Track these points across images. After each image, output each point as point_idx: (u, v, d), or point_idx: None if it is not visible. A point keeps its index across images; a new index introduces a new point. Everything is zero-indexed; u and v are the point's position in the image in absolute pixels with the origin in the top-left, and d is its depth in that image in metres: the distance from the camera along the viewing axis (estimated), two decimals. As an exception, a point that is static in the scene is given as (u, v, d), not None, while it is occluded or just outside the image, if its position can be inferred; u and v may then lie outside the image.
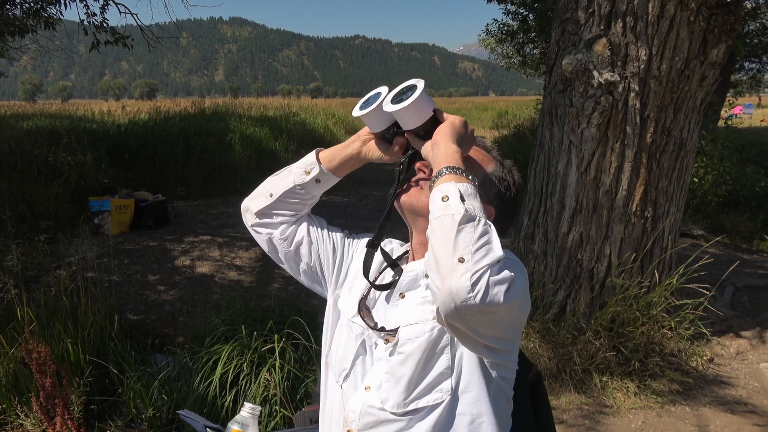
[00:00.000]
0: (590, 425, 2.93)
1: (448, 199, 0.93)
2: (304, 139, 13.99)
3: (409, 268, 1.25)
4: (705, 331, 3.37)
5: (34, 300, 4.04)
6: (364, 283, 1.32)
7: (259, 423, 1.50)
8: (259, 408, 1.48)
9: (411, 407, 1.18)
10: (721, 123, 10.40)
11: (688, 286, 3.24)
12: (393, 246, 1.42)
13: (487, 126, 20.91)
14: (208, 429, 1.32)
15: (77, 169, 7.02)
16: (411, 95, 1.13)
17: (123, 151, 8.53)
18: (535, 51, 14.19)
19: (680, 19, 2.89)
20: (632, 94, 3.02)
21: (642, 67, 2.96)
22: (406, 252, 1.34)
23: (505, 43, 14.48)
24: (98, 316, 3.96)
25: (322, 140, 15.41)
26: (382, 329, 1.23)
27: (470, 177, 1.00)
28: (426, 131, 1.15)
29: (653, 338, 3.33)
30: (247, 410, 1.46)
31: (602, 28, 3.01)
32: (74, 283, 4.19)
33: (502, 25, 13.40)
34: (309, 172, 1.31)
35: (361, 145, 1.28)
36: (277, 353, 3.23)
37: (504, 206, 1.23)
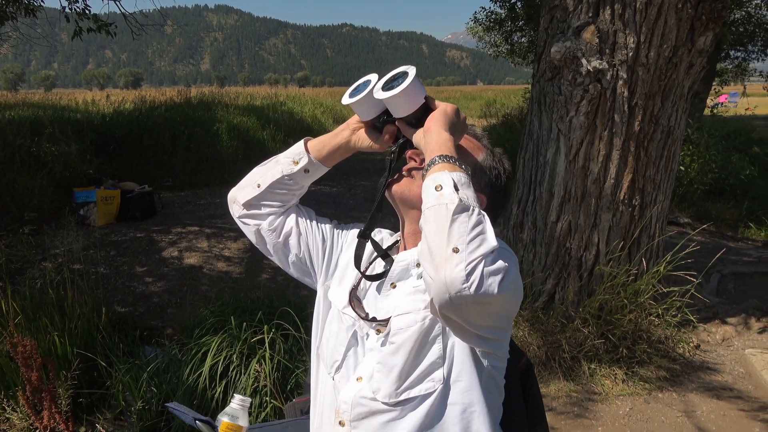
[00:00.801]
0: (579, 412, 2.95)
1: (441, 189, 0.92)
2: (292, 128, 13.89)
3: (400, 258, 1.23)
4: (692, 318, 3.41)
5: (20, 293, 3.99)
6: (354, 274, 1.31)
7: (250, 414, 1.48)
8: (249, 400, 1.47)
9: (403, 397, 1.17)
10: (707, 112, 10.47)
11: (675, 273, 3.27)
12: (383, 236, 1.40)
13: (476, 115, 20.90)
14: (197, 421, 1.30)
15: (61, 160, 6.92)
16: (402, 82, 1.11)
17: (108, 142, 8.42)
18: (523, 39, 14.16)
19: (668, 7, 2.89)
20: (620, 82, 3.02)
21: (630, 54, 2.96)
22: (397, 242, 1.33)
23: (493, 32, 14.44)
24: (85, 308, 3.91)
25: (310, 130, 15.32)
26: (374, 319, 1.22)
27: (463, 166, 0.99)
28: (417, 119, 1.13)
29: (641, 326, 3.36)
30: (237, 402, 1.44)
31: (590, 15, 3.00)
32: (60, 276, 4.14)
33: (489, 13, 13.35)
34: (297, 162, 1.29)
35: (351, 133, 1.27)
36: (266, 344, 3.22)
37: (495, 195, 1.22)
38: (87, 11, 5.28)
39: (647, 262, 3.34)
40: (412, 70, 1.14)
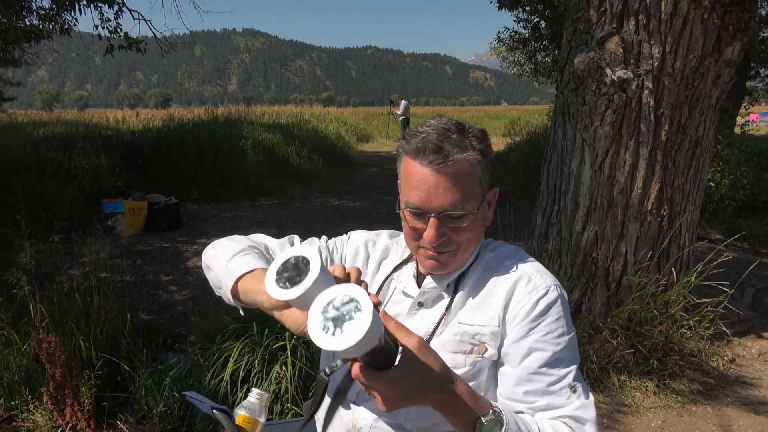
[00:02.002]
0: (609, 424, 2.88)
1: None
2: (317, 145, 14.02)
3: (429, 283, 1.23)
4: (725, 329, 3.30)
5: (47, 297, 4.06)
6: (373, 289, 1.31)
7: (268, 412, 1.48)
8: (266, 395, 1.46)
9: (433, 429, 1.17)
10: (737, 130, 10.29)
11: (707, 283, 3.19)
12: (385, 241, 1.39)
13: (500, 134, 20.86)
14: (214, 410, 1.30)
15: (91, 173, 7.09)
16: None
17: (137, 156, 8.60)
18: (547, 59, 14.16)
19: (693, 17, 2.86)
20: (646, 92, 2.99)
21: (656, 64, 2.94)
22: (410, 257, 1.31)
23: (517, 51, 14.48)
24: (111, 314, 3.97)
25: (335, 146, 15.45)
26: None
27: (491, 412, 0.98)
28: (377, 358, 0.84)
29: (672, 338, 3.28)
30: (255, 396, 1.44)
31: (614, 26, 2.99)
32: (87, 282, 4.21)
33: (513, 33, 13.40)
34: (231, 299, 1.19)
35: (272, 304, 1.03)
36: (288, 350, 3.22)
37: (492, 170, 1.22)
38: (119, 29, 5.43)
39: (677, 273, 3.26)
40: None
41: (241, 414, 1.38)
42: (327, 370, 0.88)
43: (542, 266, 1.22)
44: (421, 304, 1.23)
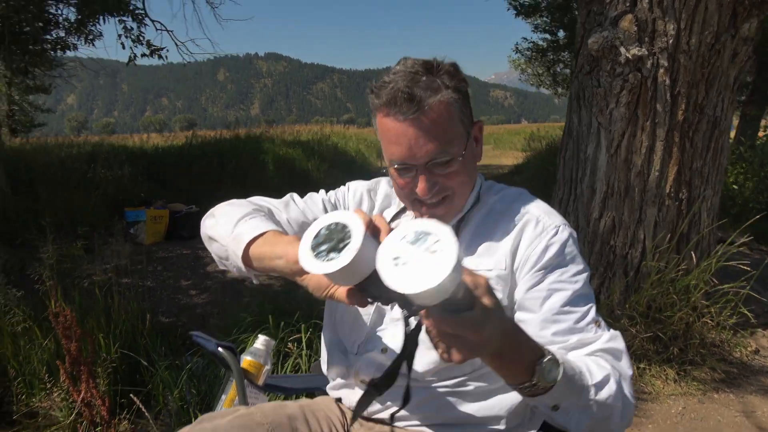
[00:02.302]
0: (628, 411, 2.79)
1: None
2: (337, 159, 14.14)
3: None
4: (748, 314, 3.20)
5: (70, 297, 4.12)
6: None
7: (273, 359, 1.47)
8: (273, 341, 1.46)
9: (438, 377, 1.15)
10: (761, 134, 10.10)
11: (729, 264, 3.10)
12: (384, 189, 1.35)
13: (519, 148, 20.78)
14: (219, 348, 1.30)
15: (114, 183, 7.24)
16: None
17: (159, 168, 8.77)
18: (566, 70, 14.14)
19: (708, -9, 2.84)
20: (661, 70, 2.95)
21: (670, 42, 2.91)
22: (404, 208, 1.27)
23: (535, 62, 14.48)
24: (131, 314, 4.02)
25: (354, 162, 15.55)
26: None
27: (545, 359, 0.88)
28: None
29: (693, 327, 3.18)
30: (261, 343, 1.44)
31: (628, 5, 2.97)
32: (108, 285, 4.27)
33: (531, 43, 13.43)
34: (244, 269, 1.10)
35: (292, 272, 0.97)
36: (304, 343, 3.21)
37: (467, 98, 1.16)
38: (141, 38, 5.58)
39: (697, 259, 3.18)
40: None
41: (246, 359, 1.38)
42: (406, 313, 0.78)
43: (549, 206, 1.20)
44: None
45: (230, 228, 1.11)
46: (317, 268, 0.74)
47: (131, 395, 2.47)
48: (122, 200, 7.24)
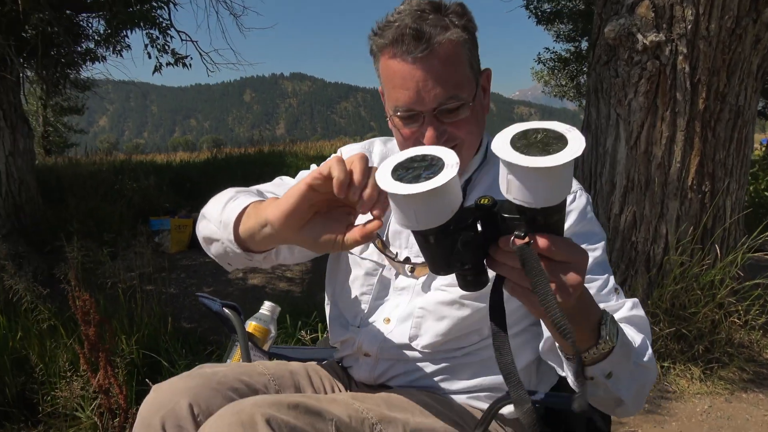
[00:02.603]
0: (650, 408, 2.71)
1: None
2: (360, 172, 14.21)
3: None
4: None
5: (95, 301, 4.19)
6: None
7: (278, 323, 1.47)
8: (278, 307, 1.46)
9: (444, 347, 1.13)
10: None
11: (755, 255, 3.01)
12: (382, 149, 1.27)
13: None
14: (224, 308, 1.30)
15: (141, 193, 7.39)
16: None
17: (184, 180, 8.93)
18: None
19: (727, -24, 2.79)
20: (680, 57, 2.91)
21: (689, 27, 2.86)
22: None
23: (558, 73, 14.41)
24: (153, 318, 4.07)
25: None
26: (407, 260, 1.14)
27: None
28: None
29: (720, 327, 3.08)
30: (267, 309, 1.44)
31: (645, -7, 2.94)
32: (131, 290, 4.34)
33: (553, 54, 13.37)
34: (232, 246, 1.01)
35: (282, 239, 0.90)
36: (320, 341, 3.21)
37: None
38: (167, 47, 5.73)
39: (722, 253, 3.09)
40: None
41: (252, 323, 1.39)
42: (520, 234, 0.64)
43: None
44: None
45: (217, 218, 1.02)
46: (401, 189, 0.63)
47: (149, 382, 2.50)
48: (148, 210, 7.38)
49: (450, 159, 0.66)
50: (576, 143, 0.61)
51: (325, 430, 0.87)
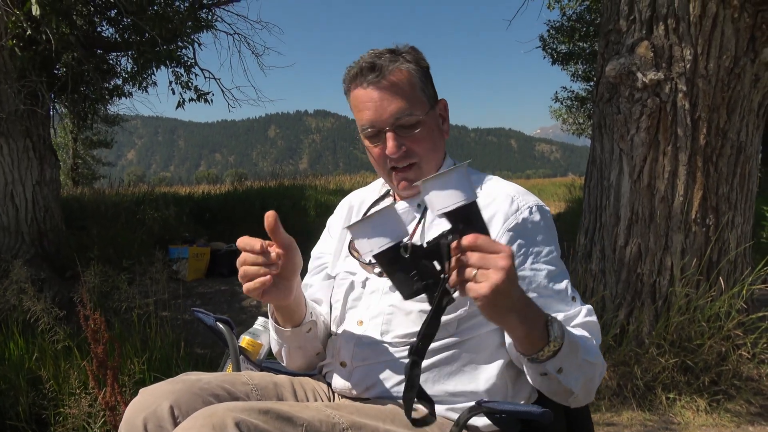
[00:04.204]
0: (655, 440, 2.69)
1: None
2: (378, 207, 14.29)
3: (401, 205, 1.27)
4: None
5: (109, 324, 4.29)
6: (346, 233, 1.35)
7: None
8: (271, 322, 1.52)
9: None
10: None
11: (760, 287, 3.00)
12: (362, 196, 1.43)
13: (563, 198, 20.56)
14: (218, 322, 1.38)
15: (161, 222, 7.57)
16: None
17: (204, 211, 9.12)
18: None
19: (723, 17, 2.88)
20: (680, 95, 2.98)
21: (688, 66, 2.94)
22: (388, 191, 1.36)
23: (576, 111, 14.51)
24: (166, 342, 4.14)
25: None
26: (372, 263, 1.23)
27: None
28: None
29: (728, 360, 3.06)
30: (260, 323, 1.51)
31: (644, 32, 3.04)
32: (146, 316, 4.44)
33: (570, 92, 13.51)
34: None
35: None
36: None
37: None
38: (190, 84, 5.96)
39: (726, 285, 3.09)
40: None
41: (245, 338, 1.45)
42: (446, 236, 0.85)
43: (522, 187, 1.25)
44: None
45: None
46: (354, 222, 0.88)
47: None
48: (167, 238, 7.54)
49: (386, 203, 0.93)
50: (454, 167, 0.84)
51: None
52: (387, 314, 1.19)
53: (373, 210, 1.35)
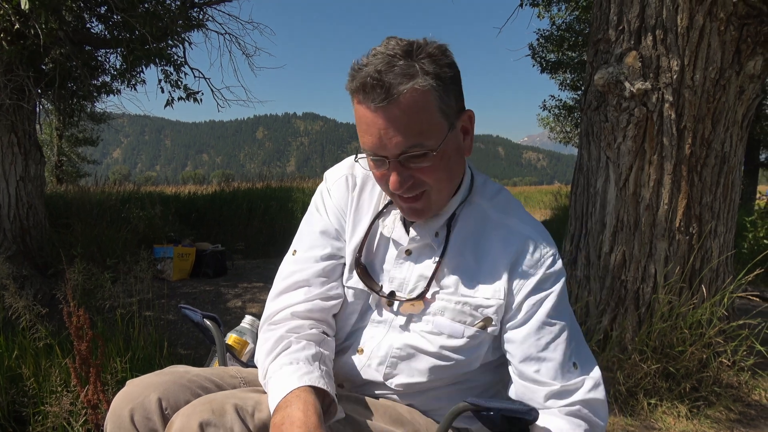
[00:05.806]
0: (636, 446, 2.71)
1: None
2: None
3: (415, 230, 1.17)
4: (766, 353, 3.10)
5: (91, 322, 4.24)
6: (356, 240, 1.22)
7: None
8: (258, 321, 1.52)
9: (417, 389, 1.16)
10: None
11: (740, 294, 3.04)
12: (365, 176, 1.29)
13: (549, 206, 20.71)
14: (205, 319, 1.37)
15: (146, 221, 7.51)
16: None
17: (191, 211, 9.06)
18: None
19: (710, 30, 2.93)
20: (667, 105, 3.02)
21: (675, 77, 2.99)
22: (390, 202, 1.22)
23: (564, 120, 14.64)
24: (149, 342, 4.11)
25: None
26: (392, 295, 1.16)
27: None
28: None
29: (708, 367, 3.10)
30: (247, 322, 1.51)
31: (632, 42, 3.08)
32: (130, 315, 4.40)
33: (558, 101, 13.63)
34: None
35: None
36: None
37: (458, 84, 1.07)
38: (180, 83, 5.93)
39: (708, 293, 3.13)
40: None
41: (232, 336, 1.45)
42: None
43: (540, 224, 1.17)
44: (409, 252, 1.16)
45: (263, 378, 1.11)
46: None
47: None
48: (152, 237, 7.48)
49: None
50: None
51: None
52: (392, 357, 1.15)
53: (385, 227, 1.22)
